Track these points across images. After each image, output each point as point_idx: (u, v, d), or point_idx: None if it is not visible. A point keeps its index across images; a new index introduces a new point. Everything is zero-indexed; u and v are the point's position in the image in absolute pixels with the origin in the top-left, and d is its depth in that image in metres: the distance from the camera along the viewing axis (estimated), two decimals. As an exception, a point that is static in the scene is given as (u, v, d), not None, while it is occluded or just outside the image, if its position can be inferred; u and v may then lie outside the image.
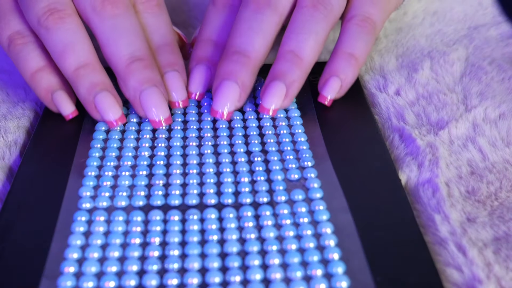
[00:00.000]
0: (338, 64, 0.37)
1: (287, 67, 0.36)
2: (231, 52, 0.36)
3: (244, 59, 0.36)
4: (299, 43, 0.36)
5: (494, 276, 0.27)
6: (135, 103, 0.35)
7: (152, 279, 0.27)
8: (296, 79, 0.36)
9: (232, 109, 0.36)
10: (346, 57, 0.37)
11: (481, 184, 0.33)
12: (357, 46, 0.38)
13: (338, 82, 0.37)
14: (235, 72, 0.36)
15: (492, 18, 0.50)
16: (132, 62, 0.35)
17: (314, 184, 0.32)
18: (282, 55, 0.36)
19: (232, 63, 0.36)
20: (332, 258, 0.28)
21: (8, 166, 0.35)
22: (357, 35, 0.38)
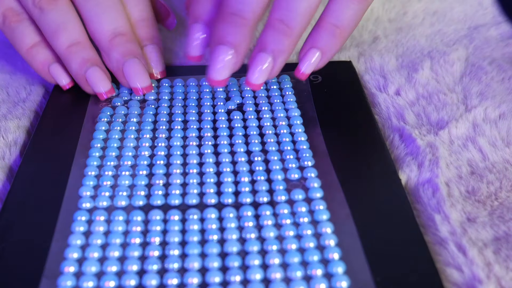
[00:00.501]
0: (319, 35, 0.36)
1: (275, 37, 0.35)
2: (226, 13, 0.35)
3: (240, 20, 0.35)
4: (289, 12, 0.35)
5: (494, 276, 0.27)
6: (118, 74, 0.38)
7: (152, 279, 0.27)
8: (285, 49, 0.35)
9: (228, 75, 0.35)
10: (330, 28, 0.36)
11: (481, 184, 0.33)
12: (343, 16, 0.36)
13: (318, 55, 0.36)
14: (230, 35, 0.34)
15: (492, 18, 0.50)
16: (114, 37, 0.38)
17: (314, 183, 0.32)
18: (270, 24, 0.35)
19: (227, 25, 0.35)
20: (332, 258, 0.28)
21: (8, 166, 0.35)
22: (345, 3, 0.36)
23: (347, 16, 0.36)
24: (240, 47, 0.35)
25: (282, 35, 0.35)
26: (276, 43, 0.35)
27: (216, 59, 0.35)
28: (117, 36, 0.38)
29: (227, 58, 0.35)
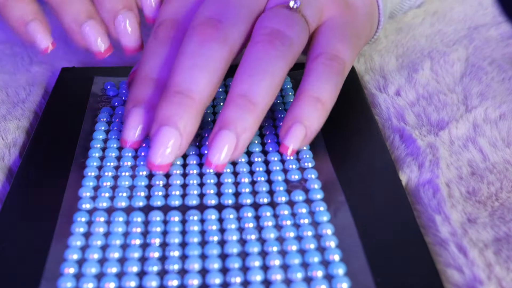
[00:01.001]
0: (302, 110, 0.32)
1: (238, 114, 0.31)
2: (172, 92, 0.32)
3: (187, 100, 0.31)
4: (252, 86, 0.31)
5: (495, 277, 0.27)
6: (109, 26, 0.36)
7: (153, 280, 0.27)
8: (248, 127, 0.31)
9: (172, 160, 0.32)
10: (312, 102, 0.32)
11: (482, 185, 0.33)
12: (324, 88, 0.33)
13: (302, 130, 0.32)
14: (176, 116, 0.31)
15: (492, 18, 0.50)
16: None
17: (315, 185, 0.32)
18: (232, 100, 0.32)
19: (172, 106, 0.31)
20: (332, 259, 0.28)
21: (8, 166, 0.35)
22: (324, 76, 0.33)
23: (328, 88, 0.33)
24: (187, 129, 0.31)
25: (245, 111, 0.31)
26: (240, 120, 0.31)
27: (160, 142, 0.31)
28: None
29: (172, 141, 0.31)
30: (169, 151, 0.31)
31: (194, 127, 0.32)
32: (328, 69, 0.33)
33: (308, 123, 0.32)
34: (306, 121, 0.32)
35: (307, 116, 0.32)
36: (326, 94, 0.33)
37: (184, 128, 0.31)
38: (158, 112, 0.32)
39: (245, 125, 0.31)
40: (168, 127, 0.31)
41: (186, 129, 0.31)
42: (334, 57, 0.34)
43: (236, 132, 0.31)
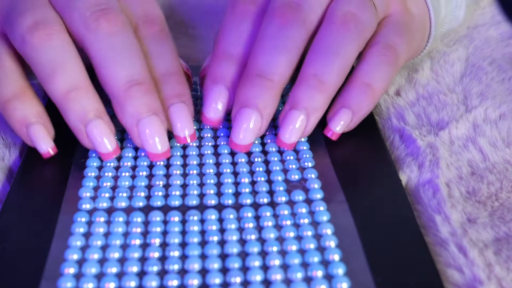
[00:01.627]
0: (351, 95, 0.34)
1: (309, 93, 0.33)
2: (252, 75, 0.33)
3: (267, 83, 0.33)
4: (324, 67, 0.33)
5: (495, 277, 0.27)
6: (132, 132, 0.33)
7: (152, 280, 0.27)
8: (319, 107, 0.33)
9: (252, 140, 0.33)
10: (362, 88, 0.34)
11: (482, 185, 0.33)
12: (376, 76, 0.34)
13: (349, 115, 0.34)
14: (256, 98, 0.33)
15: (491, 17, 0.50)
16: (131, 86, 0.32)
17: (315, 185, 0.32)
18: (303, 79, 0.33)
19: (253, 88, 0.33)
20: (332, 259, 0.28)
21: (8, 167, 0.35)
22: (378, 64, 0.34)
23: (380, 76, 0.34)
24: (266, 110, 0.33)
25: (316, 91, 0.33)
26: (310, 100, 0.33)
27: (241, 123, 0.33)
28: (133, 85, 0.32)
29: (252, 122, 0.33)
30: (250, 132, 0.33)
31: (273, 108, 0.33)
32: (383, 58, 0.35)
33: (356, 108, 0.34)
34: (354, 106, 0.34)
35: (356, 102, 0.34)
36: (377, 81, 0.34)
37: (264, 109, 0.33)
38: (239, 94, 0.33)
39: (315, 105, 0.33)
40: (249, 108, 0.33)
41: (266, 110, 0.33)
42: (389, 47, 0.35)
43: (307, 113, 0.33)
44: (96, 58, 0.33)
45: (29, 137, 0.34)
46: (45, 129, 0.34)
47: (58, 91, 0.32)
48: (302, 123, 0.33)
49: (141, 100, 0.32)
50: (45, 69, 0.32)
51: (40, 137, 0.33)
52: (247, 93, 0.33)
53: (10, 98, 0.33)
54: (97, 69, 0.33)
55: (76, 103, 0.32)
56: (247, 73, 0.33)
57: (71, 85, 0.32)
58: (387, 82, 0.35)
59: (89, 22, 0.33)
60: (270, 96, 0.33)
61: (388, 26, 0.36)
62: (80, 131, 0.33)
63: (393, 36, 0.36)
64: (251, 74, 0.33)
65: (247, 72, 0.33)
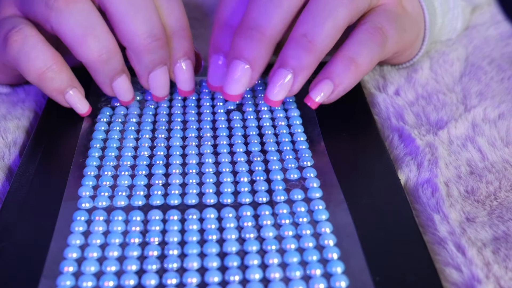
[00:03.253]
0: (334, 67, 0.35)
1: (297, 53, 0.34)
2: (245, 27, 0.34)
3: (259, 35, 0.34)
4: (315, 27, 0.34)
5: (493, 275, 0.27)
6: (142, 77, 0.36)
7: (151, 278, 0.27)
8: (306, 66, 0.34)
9: (243, 91, 0.35)
10: (346, 62, 0.35)
11: (480, 184, 0.33)
12: (361, 52, 0.35)
13: (330, 86, 0.35)
14: (248, 50, 0.34)
15: (491, 17, 0.50)
16: (151, 41, 0.35)
17: (313, 183, 0.32)
18: (293, 38, 0.34)
19: (245, 40, 0.34)
20: (331, 258, 0.28)
21: (8, 166, 0.35)
22: (364, 41, 0.35)
23: (365, 53, 0.35)
24: (257, 63, 0.34)
25: (305, 50, 0.34)
26: (298, 59, 0.34)
27: (232, 74, 0.34)
28: (153, 40, 0.35)
29: (242, 73, 0.34)
30: (240, 82, 0.35)
31: (264, 60, 0.35)
32: (369, 36, 0.35)
33: (338, 80, 0.35)
34: (337, 78, 0.35)
35: (338, 74, 0.35)
36: (361, 57, 0.35)
37: (255, 61, 0.34)
38: (232, 45, 0.35)
39: (303, 65, 0.34)
40: (240, 60, 0.34)
41: (257, 63, 0.34)
42: (378, 29, 0.36)
43: (294, 71, 0.34)
44: (116, 14, 0.35)
45: (66, 102, 0.37)
46: (79, 93, 0.37)
47: (91, 54, 0.35)
48: (289, 82, 0.34)
49: (157, 53, 0.36)
50: (75, 34, 0.34)
51: (76, 100, 0.37)
52: (239, 45, 0.34)
53: (44, 71, 0.35)
54: (118, 26, 0.35)
55: (107, 65, 0.35)
56: (241, 26, 0.35)
57: (102, 47, 0.35)
58: (371, 59, 0.35)
59: None
60: (261, 49, 0.34)
61: (379, 11, 0.37)
62: (107, 85, 0.36)
63: (382, 20, 0.36)
64: (244, 27, 0.34)
65: (241, 25, 0.35)
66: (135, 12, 0.35)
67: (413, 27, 0.40)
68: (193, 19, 0.50)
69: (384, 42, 0.36)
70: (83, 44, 0.34)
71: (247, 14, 0.34)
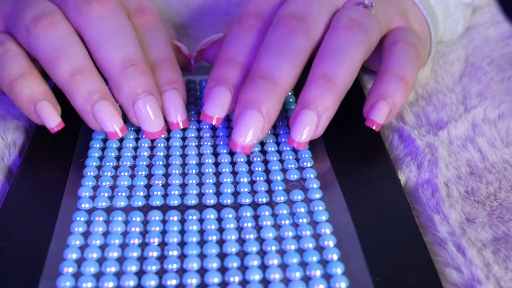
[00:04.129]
0: (387, 86, 0.34)
1: (319, 93, 0.33)
2: (257, 77, 0.33)
3: (271, 85, 0.33)
4: (333, 66, 0.33)
5: (493, 276, 0.27)
6: (128, 111, 0.34)
7: (151, 279, 0.27)
8: (329, 106, 0.33)
9: (254, 142, 0.33)
10: (396, 80, 0.34)
11: (481, 185, 0.33)
12: (407, 69, 0.35)
13: (387, 106, 0.34)
14: (260, 100, 0.32)
15: (491, 17, 0.50)
16: (126, 67, 0.33)
17: (313, 184, 0.32)
18: (313, 79, 0.33)
19: (257, 90, 0.33)
20: (331, 259, 0.28)
21: (8, 166, 0.35)
22: (405, 58, 0.35)
23: (410, 69, 0.35)
24: (269, 113, 0.33)
25: (326, 90, 0.33)
26: (320, 99, 0.33)
27: (244, 124, 0.33)
28: (128, 66, 0.33)
29: (255, 123, 0.33)
30: (252, 133, 0.33)
31: (276, 111, 0.33)
32: (407, 53, 0.36)
33: (392, 100, 0.34)
34: (391, 98, 0.34)
35: (392, 93, 0.34)
36: (408, 74, 0.35)
37: (267, 112, 0.33)
38: (242, 95, 0.33)
39: (326, 104, 0.33)
40: (252, 109, 0.33)
41: (269, 113, 0.33)
42: (412, 44, 0.36)
43: (317, 112, 0.33)
44: (91, 41, 0.34)
45: (36, 115, 0.34)
46: (51, 105, 0.34)
47: (63, 75, 0.33)
48: (314, 122, 0.33)
49: (137, 80, 0.33)
50: (49, 56, 0.33)
51: (47, 113, 0.34)
52: (250, 95, 0.33)
53: (15, 77, 0.34)
54: (93, 52, 0.34)
55: (81, 86, 0.33)
56: (251, 75, 0.33)
57: (75, 68, 0.33)
58: (416, 74, 0.36)
59: (82, 7, 0.34)
60: (274, 99, 0.33)
61: (403, 30, 0.37)
62: (87, 112, 0.33)
63: (410, 37, 0.37)
64: (255, 76, 0.33)
65: (251, 74, 0.34)
66: (109, 38, 0.34)
67: (424, 47, 0.40)
68: (193, 20, 0.50)
69: (419, 56, 0.36)
70: (55, 65, 0.33)
71: (257, 64, 0.34)
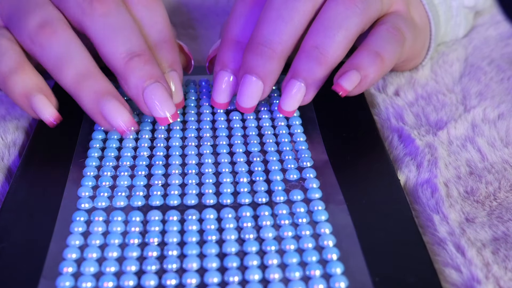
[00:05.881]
0: (362, 59, 0.34)
1: (309, 65, 0.34)
2: (256, 44, 0.34)
3: (270, 51, 0.34)
4: (326, 38, 0.34)
5: (492, 276, 0.27)
6: (138, 101, 0.34)
7: (151, 279, 0.27)
8: (318, 78, 0.34)
9: (255, 104, 0.36)
10: (372, 55, 0.34)
11: (480, 184, 0.33)
12: (386, 47, 0.35)
13: (357, 76, 0.34)
14: (259, 66, 0.34)
15: (490, 17, 0.50)
16: (130, 58, 0.34)
17: (313, 184, 0.32)
18: (305, 50, 0.34)
19: (256, 56, 0.34)
20: (330, 258, 0.28)
21: (7, 166, 0.35)
22: (387, 38, 0.35)
23: (389, 49, 0.35)
24: (268, 78, 0.35)
25: (316, 62, 0.34)
26: (310, 71, 0.34)
27: (244, 89, 0.35)
28: (133, 57, 0.34)
29: (255, 87, 0.35)
30: (253, 97, 0.35)
31: (276, 75, 0.35)
32: (391, 35, 0.35)
33: (364, 72, 0.34)
34: (363, 70, 0.34)
35: (366, 66, 0.34)
36: (386, 52, 0.35)
37: (266, 77, 0.34)
38: (243, 61, 0.35)
39: (315, 76, 0.34)
40: (251, 76, 0.34)
41: (268, 78, 0.35)
42: (398, 29, 0.36)
43: (306, 83, 0.34)
44: (96, 39, 0.34)
45: (32, 109, 0.34)
46: (47, 99, 0.34)
47: (69, 81, 0.34)
48: (302, 92, 0.35)
49: (143, 70, 0.34)
50: (54, 64, 0.34)
51: (42, 106, 0.34)
52: (250, 61, 0.34)
53: (9, 73, 0.34)
54: (99, 50, 0.34)
55: (87, 88, 0.33)
56: (252, 42, 0.35)
57: (79, 71, 0.33)
58: (394, 57, 0.35)
59: (84, 7, 0.34)
60: (272, 65, 0.34)
61: (395, 15, 0.37)
62: (96, 113, 0.34)
63: (400, 22, 0.36)
64: (255, 43, 0.34)
65: (251, 40, 0.35)
66: (112, 33, 0.34)
67: (422, 36, 0.40)
68: (193, 20, 0.50)
69: (403, 42, 0.36)
70: (61, 72, 0.33)
71: (257, 31, 0.35)
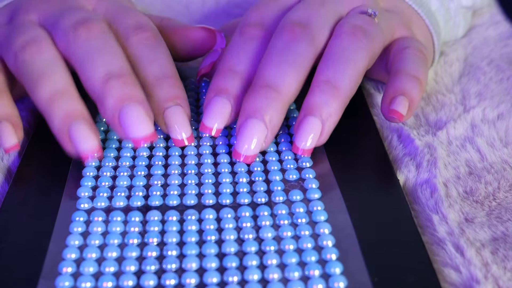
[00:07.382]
0: (404, 84, 0.34)
1: (323, 99, 0.32)
2: (259, 86, 0.33)
3: (274, 94, 0.32)
4: (337, 72, 0.33)
5: (491, 276, 0.27)
6: (114, 123, 0.32)
7: (150, 279, 0.27)
8: (333, 112, 0.33)
9: (257, 152, 0.33)
10: (412, 79, 0.34)
11: (479, 185, 0.33)
12: (419, 70, 0.35)
13: (406, 101, 0.34)
14: (263, 109, 0.32)
15: (490, 17, 0.50)
16: (108, 79, 0.32)
17: (312, 184, 0.32)
18: (317, 85, 0.33)
19: (260, 99, 0.32)
20: (329, 259, 0.28)
21: (7, 167, 0.35)
22: (417, 61, 0.35)
23: (422, 70, 0.35)
24: (272, 122, 0.32)
25: (330, 96, 0.32)
26: (324, 106, 0.32)
27: (246, 134, 0.32)
28: (111, 78, 0.32)
29: (258, 133, 0.32)
30: (255, 143, 0.32)
31: (279, 120, 0.33)
32: (418, 57, 0.36)
33: (410, 97, 0.34)
34: (408, 95, 0.34)
35: (409, 91, 0.34)
36: (421, 74, 0.35)
37: (270, 121, 0.32)
38: (245, 104, 0.33)
39: (330, 111, 0.33)
40: (255, 119, 0.32)
41: (272, 122, 0.32)
42: (420, 50, 0.36)
43: (322, 118, 0.32)
44: (77, 63, 0.33)
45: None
46: (11, 126, 0.34)
47: (44, 97, 0.32)
48: (318, 129, 0.33)
49: (121, 91, 0.32)
50: (32, 78, 0.33)
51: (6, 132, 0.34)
52: (253, 104, 0.32)
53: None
54: (80, 75, 0.33)
55: (60, 107, 0.32)
56: (254, 84, 0.33)
57: (55, 90, 0.32)
58: (426, 77, 0.36)
59: (70, 33, 0.34)
60: (277, 108, 0.32)
61: (408, 38, 0.38)
62: (63, 134, 0.32)
63: (418, 44, 0.37)
64: (258, 85, 0.33)
65: (254, 83, 0.33)
66: (93, 56, 0.33)
67: (429, 51, 0.40)
68: (193, 21, 0.50)
69: (428, 62, 0.37)
70: (36, 86, 0.33)
71: (261, 73, 0.33)
